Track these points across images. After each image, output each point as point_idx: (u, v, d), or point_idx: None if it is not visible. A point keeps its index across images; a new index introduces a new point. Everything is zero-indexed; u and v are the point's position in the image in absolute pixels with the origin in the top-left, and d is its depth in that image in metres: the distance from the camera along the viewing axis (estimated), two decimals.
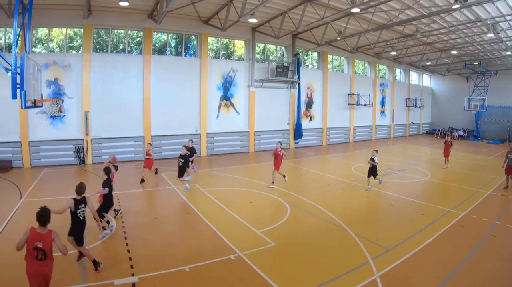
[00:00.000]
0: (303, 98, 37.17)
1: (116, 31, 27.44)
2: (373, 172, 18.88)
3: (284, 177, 19.99)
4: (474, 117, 49.36)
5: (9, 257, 7.22)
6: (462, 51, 39.18)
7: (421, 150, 37.13)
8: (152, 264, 9.82)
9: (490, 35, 27.60)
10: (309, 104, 38.19)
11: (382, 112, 48.08)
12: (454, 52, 38.56)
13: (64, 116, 24.85)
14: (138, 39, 28.15)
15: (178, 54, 30.18)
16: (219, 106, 31.51)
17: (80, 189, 9.64)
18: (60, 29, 25.49)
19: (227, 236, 11.95)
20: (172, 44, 30.15)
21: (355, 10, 23.93)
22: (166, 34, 29.40)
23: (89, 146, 25.54)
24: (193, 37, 30.39)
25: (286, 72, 33.91)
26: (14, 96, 10.56)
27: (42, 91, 14.47)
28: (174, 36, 30.00)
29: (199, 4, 24.76)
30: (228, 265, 9.98)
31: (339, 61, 42.65)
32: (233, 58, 32.98)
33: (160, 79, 28.05)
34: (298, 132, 36.00)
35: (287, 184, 20.57)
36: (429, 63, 47.48)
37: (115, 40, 27.66)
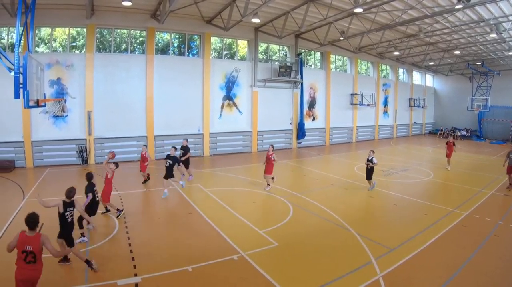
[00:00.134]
0: (306, 98, 37.13)
1: (119, 31, 27.43)
2: (370, 173, 18.54)
3: (272, 178, 19.12)
4: (477, 118, 49.27)
5: (11, 257, 7.25)
6: (465, 51, 39.11)
7: (424, 150, 37.13)
8: (155, 264, 9.82)
9: (493, 35, 27.57)
10: (311, 104, 38.15)
11: (385, 112, 47.99)
12: (457, 52, 38.49)
13: (67, 116, 24.82)
14: (141, 39, 28.15)
15: (181, 54, 30.16)
16: (222, 106, 31.50)
17: (70, 193, 9.79)
18: (63, 28, 25.52)
19: (230, 236, 11.94)
20: (175, 44, 30.15)
21: (358, 10, 23.86)
22: (169, 34, 29.39)
23: (92, 146, 25.54)
24: (196, 37, 30.38)
25: (289, 72, 33.89)
26: (17, 96, 10.57)
27: (45, 91, 14.43)
28: (177, 36, 30.00)
29: (202, 4, 24.76)
30: (231, 265, 9.96)
31: (342, 61, 42.57)
32: (236, 58, 32.96)
33: (163, 79, 28.04)
34: (301, 132, 35.96)
35: (289, 184, 20.59)
36: (432, 63, 47.44)
37: (118, 40, 27.67)
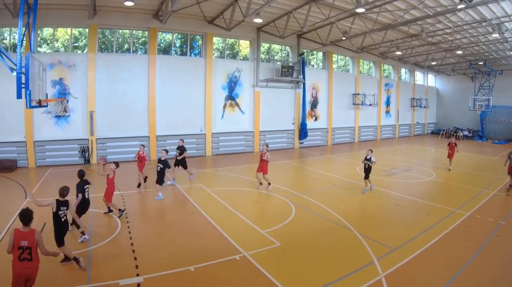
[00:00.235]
0: (308, 98, 37.11)
1: (121, 31, 27.49)
2: (368, 173, 18.30)
3: (260, 184, 18.84)
4: (479, 117, 49.21)
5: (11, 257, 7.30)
6: (467, 51, 39.06)
7: (426, 150, 37.05)
8: (157, 264, 9.83)
9: (495, 35, 27.52)
10: (314, 104, 38.14)
11: (387, 112, 47.97)
12: (459, 52, 38.47)
13: (69, 116, 24.92)
14: (143, 39, 28.18)
15: (183, 54, 30.19)
16: (224, 106, 31.53)
17: (63, 191, 9.81)
18: (65, 29, 25.57)
19: (232, 236, 11.94)
20: (177, 44, 30.17)
21: (360, 10, 23.86)
22: (171, 34, 29.44)
23: (94, 146, 25.58)
24: (198, 37, 30.41)
25: (291, 72, 33.89)
26: (19, 96, 10.58)
27: (47, 91, 14.48)
28: (179, 36, 30.02)
29: (204, 4, 24.77)
30: (233, 265, 9.97)
31: (344, 61, 42.56)
32: (238, 58, 32.98)
33: (165, 79, 28.09)
34: (303, 132, 35.96)
35: (291, 184, 20.63)
36: (434, 63, 47.37)
37: (120, 40, 27.72)
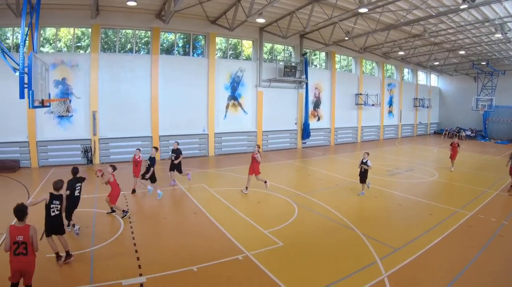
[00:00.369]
0: (311, 98, 37.11)
1: (123, 31, 27.50)
2: (364, 177, 17.84)
3: (246, 188, 18.04)
4: (482, 117, 49.09)
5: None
6: (470, 51, 38.99)
7: (429, 150, 37.05)
8: (160, 264, 9.84)
9: (498, 35, 27.48)
10: (316, 104, 38.12)
11: (390, 112, 47.91)
12: (462, 52, 38.40)
13: (71, 116, 24.94)
14: (145, 39, 28.20)
15: (185, 54, 30.20)
16: (227, 106, 31.52)
17: (56, 184, 9.91)
18: (68, 29, 25.59)
19: (234, 236, 11.95)
20: (180, 44, 30.20)
21: (363, 10, 23.83)
22: (173, 34, 29.43)
23: (97, 146, 25.60)
24: (201, 37, 30.41)
25: (294, 72, 33.86)
26: (21, 96, 10.61)
27: (49, 91, 14.52)
28: (181, 36, 30.04)
29: (207, 4, 24.78)
30: (236, 265, 9.97)
31: (346, 61, 42.56)
32: (241, 58, 32.98)
33: (167, 79, 28.10)
34: (306, 132, 35.93)
35: (294, 184, 20.63)
36: (436, 63, 47.25)
37: (123, 40, 27.73)
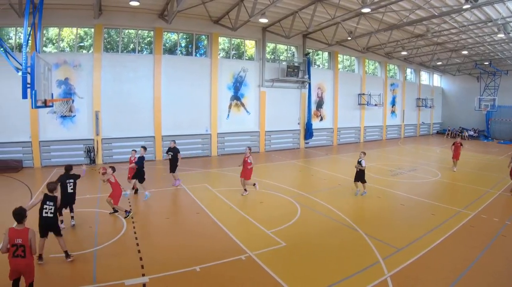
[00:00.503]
0: (314, 98, 37.09)
1: (126, 31, 27.53)
2: (360, 177, 17.67)
3: (245, 190, 17.78)
4: (484, 117, 49.03)
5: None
6: (473, 51, 38.95)
7: (432, 150, 36.97)
8: (163, 264, 9.85)
9: (501, 35, 27.49)
10: (319, 104, 38.12)
11: (393, 112, 47.86)
12: (464, 52, 38.35)
13: (74, 116, 24.97)
14: (148, 39, 28.23)
15: (188, 54, 30.22)
16: (230, 106, 31.54)
17: (50, 185, 10.00)
18: (71, 28, 25.64)
19: (237, 236, 11.97)
20: (183, 44, 30.20)
21: (366, 10, 23.82)
22: (176, 34, 29.46)
23: (100, 146, 25.63)
24: (204, 37, 30.42)
25: (297, 72, 33.87)
26: (24, 96, 10.62)
27: (52, 91, 14.50)
28: (184, 36, 30.05)
29: (210, 4, 24.79)
30: (239, 265, 9.98)
31: (349, 61, 42.50)
32: (244, 58, 32.98)
33: (170, 79, 28.11)
34: (308, 132, 35.94)
35: (297, 184, 20.66)
36: (439, 63, 47.23)
37: (126, 40, 27.77)
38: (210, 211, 14.85)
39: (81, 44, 26.14)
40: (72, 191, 12.46)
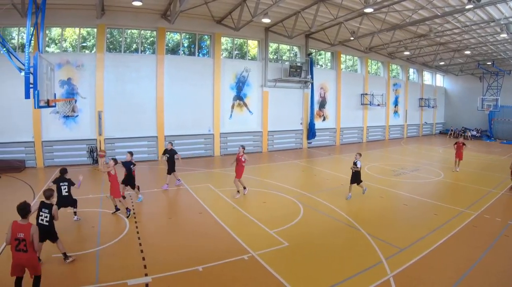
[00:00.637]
0: (316, 98, 37.06)
1: (129, 31, 27.56)
2: (356, 178, 17.23)
3: (244, 188, 17.68)
4: (487, 117, 48.91)
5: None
6: (476, 51, 38.86)
7: (434, 150, 36.93)
8: (165, 264, 9.85)
9: (504, 35, 27.39)
10: (322, 104, 38.08)
11: (395, 112, 47.79)
12: (467, 52, 38.24)
13: (77, 116, 25.02)
14: (151, 39, 28.25)
15: (191, 54, 30.22)
16: (232, 106, 31.54)
17: (46, 193, 9.89)
18: (73, 28, 25.66)
19: (240, 236, 11.97)
20: (185, 44, 30.21)
21: (369, 10, 23.77)
22: (179, 34, 29.45)
23: (102, 146, 25.62)
24: (206, 37, 30.42)
25: (299, 72, 33.84)
26: (27, 96, 10.63)
27: (55, 91, 14.55)
28: (187, 36, 30.06)
29: (212, 4, 24.77)
30: (242, 265, 9.98)
31: (352, 61, 42.48)
32: (247, 58, 32.98)
33: (173, 79, 28.13)
34: (311, 132, 35.91)
35: (300, 184, 20.64)
36: (442, 63, 47.11)
37: (128, 40, 27.79)
38: (213, 211, 14.87)
39: (84, 44, 26.16)
40: (67, 193, 12.41)
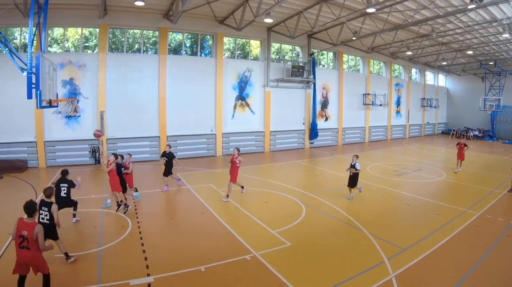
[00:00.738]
0: (319, 98, 37.03)
1: (131, 31, 27.55)
2: (354, 181, 17.11)
3: (242, 187, 17.63)
4: (489, 117, 48.91)
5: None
6: (478, 51, 38.82)
7: (437, 150, 36.89)
8: (168, 264, 9.86)
9: (506, 35, 27.37)
10: (324, 104, 38.06)
11: (398, 112, 47.73)
12: (469, 52, 38.20)
13: (79, 116, 25.03)
14: (153, 39, 28.25)
15: (193, 54, 30.22)
16: (235, 106, 31.53)
17: (46, 191, 9.86)
18: (76, 29, 25.67)
19: (242, 236, 11.97)
20: (188, 44, 30.22)
21: (371, 10, 23.74)
22: (181, 34, 29.44)
23: (105, 146, 25.59)
24: (209, 37, 30.41)
25: (302, 72, 33.84)
26: (29, 96, 10.66)
27: (57, 91, 14.56)
28: (189, 36, 30.06)
29: (215, 4, 24.80)
30: (244, 265, 9.98)
31: (354, 61, 42.42)
32: (249, 58, 32.98)
33: (175, 79, 28.12)
34: (313, 132, 35.89)
35: (302, 184, 20.62)
36: (444, 63, 47.09)
37: (131, 40, 27.78)
38: (215, 211, 14.88)
39: (86, 44, 26.19)
40: (65, 195, 12.37)
